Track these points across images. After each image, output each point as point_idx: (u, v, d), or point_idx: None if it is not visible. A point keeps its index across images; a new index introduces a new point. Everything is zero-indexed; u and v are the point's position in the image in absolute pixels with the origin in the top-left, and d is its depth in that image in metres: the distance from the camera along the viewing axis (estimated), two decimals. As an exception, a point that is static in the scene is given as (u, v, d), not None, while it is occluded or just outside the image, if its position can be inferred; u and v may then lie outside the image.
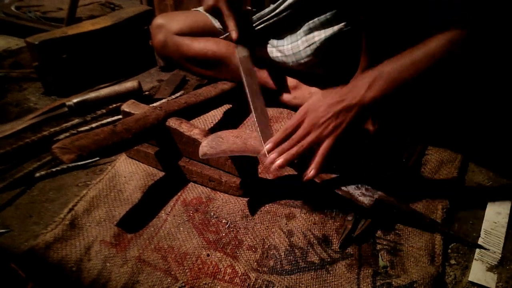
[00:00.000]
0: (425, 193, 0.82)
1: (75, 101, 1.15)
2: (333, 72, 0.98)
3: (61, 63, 1.25)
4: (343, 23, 0.89)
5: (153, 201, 0.82)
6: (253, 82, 0.78)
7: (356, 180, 0.75)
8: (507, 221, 0.78)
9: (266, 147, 0.66)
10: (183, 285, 0.66)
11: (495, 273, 0.69)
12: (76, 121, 1.11)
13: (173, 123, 0.83)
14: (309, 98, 0.99)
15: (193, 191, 0.84)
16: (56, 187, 0.90)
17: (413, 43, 0.65)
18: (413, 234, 0.74)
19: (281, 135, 0.67)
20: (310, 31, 0.92)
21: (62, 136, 1.04)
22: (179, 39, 1.05)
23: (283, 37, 0.97)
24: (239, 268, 0.68)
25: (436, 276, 0.65)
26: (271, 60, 1.03)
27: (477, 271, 0.69)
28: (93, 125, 1.08)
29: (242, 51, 0.83)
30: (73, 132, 1.05)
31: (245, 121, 1.07)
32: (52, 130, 1.05)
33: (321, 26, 0.91)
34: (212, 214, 0.78)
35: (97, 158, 0.91)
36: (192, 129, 0.82)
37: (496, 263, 0.70)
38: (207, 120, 1.04)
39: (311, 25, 0.92)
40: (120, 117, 1.07)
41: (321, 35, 0.90)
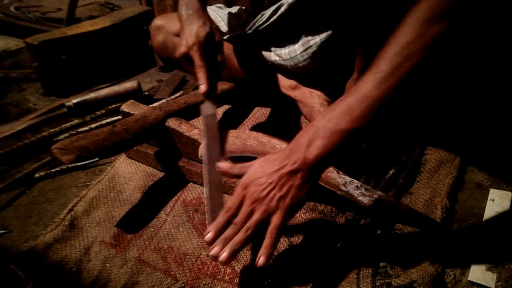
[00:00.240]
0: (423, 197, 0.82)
1: (74, 101, 1.15)
2: (332, 74, 0.98)
3: (60, 64, 1.25)
4: (339, 26, 0.89)
5: (153, 201, 0.82)
6: (213, 147, 0.72)
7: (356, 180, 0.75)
8: (507, 221, 0.78)
9: (206, 238, 0.55)
10: (183, 285, 0.66)
11: (495, 272, 0.69)
12: (75, 121, 1.11)
13: (172, 123, 0.83)
14: (309, 97, 0.99)
15: (192, 192, 0.84)
16: (55, 187, 0.90)
17: None
18: (413, 234, 0.74)
19: (221, 219, 0.56)
20: (306, 35, 0.92)
21: (61, 136, 1.04)
22: (179, 40, 1.04)
23: (280, 43, 0.98)
24: (239, 268, 0.68)
25: (435, 275, 0.65)
26: (269, 63, 1.03)
27: (477, 271, 0.69)
28: (93, 126, 1.08)
29: (208, 108, 0.76)
30: (73, 132, 1.05)
31: (245, 122, 1.07)
32: (51, 130, 1.05)
33: (317, 30, 0.91)
34: (211, 214, 0.78)
35: (97, 158, 0.92)
36: (191, 129, 0.82)
37: (495, 263, 0.70)
38: (207, 120, 1.04)
39: (307, 29, 0.92)
40: (119, 117, 1.07)
41: (316, 39, 0.91)
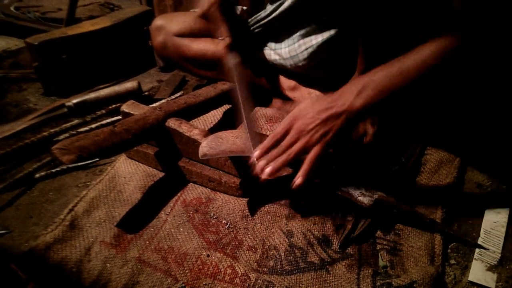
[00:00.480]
0: (423, 197, 0.82)
1: (74, 101, 1.15)
2: (332, 74, 0.98)
3: (60, 64, 1.25)
4: (339, 26, 0.89)
5: (153, 201, 0.82)
6: (244, 88, 0.79)
7: (356, 180, 0.75)
8: (507, 221, 0.78)
9: (254, 154, 0.65)
10: (183, 285, 0.66)
11: (495, 272, 0.69)
12: (75, 121, 1.11)
13: (172, 123, 0.83)
14: (308, 98, 0.99)
15: (193, 192, 0.84)
16: (56, 187, 0.90)
17: (412, 44, 0.64)
18: (413, 234, 0.74)
19: (269, 141, 0.65)
20: (307, 35, 0.92)
21: (61, 136, 1.04)
22: (179, 40, 1.05)
23: (281, 40, 0.97)
24: (239, 268, 0.68)
25: (436, 276, 0.65)
26: (270, 62, 1.03)
27: (477, 271, 0.69)
28: (93, 126, 1.08)
29: (233, 57, 0.84)
30: (73, 132, 1.05)
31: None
32: (51, 130, 1.05)
33: (318, 29, 0.91)
34: (212, 214, 0.78)
35: (97, 159, 0.91)
36: (191, 129, 0.82)
37: (495, 263, 0.70)
38: (207, 120, 1.04)
39: (308, 28, 0.92)
40: (119, 117, 1.07)
41: (318, 39, 0.90)
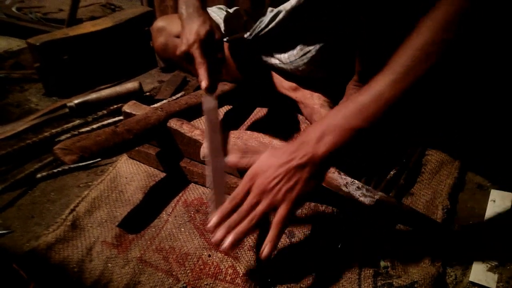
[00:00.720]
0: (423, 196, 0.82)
1: (76, 102, 1.15)
2: (332, 75, 0.98)
3: (62, 64, 1.26)
4: (339, 28, 0.89)
5: (154, 202, 0.82)
6: (215, 138, 0.74)
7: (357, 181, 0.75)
8: (508, 222, 0.78)
9: (210, 223, 0.56)
10: (185, 285, 0.66)
11: (496, 273, 0.69)
12: (77, 122, 1.11)
13: (174, 124, 0.84)
14: (310, 98, 0.99)
15: (194, 192, 0.84)
16: (57, 188, 0.90)
17: None
18: (414, 234, 0.74)
19: (227, 206, 0.57)
20: (305, 41, 0.92)
21: (63, 137, 1.04)
22: (179, 41, 1.05)
23: (281, 48, 0.98)
24: (240, 268, 0.68)
25: (436, 276, 0.65)
26: (269, 65, 1.03)
27: (478, 271, 0.69)
28: (94, 126, 1.09)
29: (209, 102, 0.79)
30: (74, 133, 1.06)
31: (246, 122, 1.07)
32: (53, 131, 1.06)
33: (316, 35, 0.91)
34: (213, 214, 0.78)
35: (99, 159, 0.92)
36: (193, 130, 0.82)
37: (496, 263, 0.70)
38: (208, 121, 1.04)
39: (305, 34, 0.92)
40: (121, 118, 1.08)
41: (316, 43, 0.91)
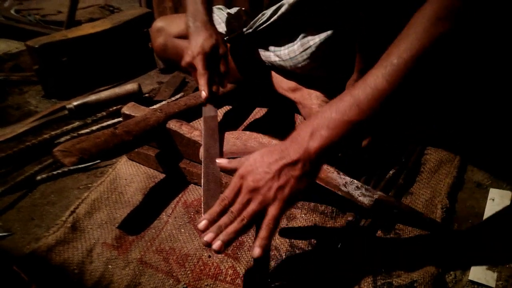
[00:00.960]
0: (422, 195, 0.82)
1: (75, 104, 1.15)
2: (332, 73, 0.98)
3: (61, 66, 1.26)
4: (338, 24, 0.89)
5: (154, 203, 0.83)
6: (212, 145, 0.74)
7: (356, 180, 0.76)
8: (507, 220, 0.79)
9: (199, 225, 0.54)
10: (185, 286, 0.66)
11: (495, 271, 0.69)
12: (76, 123, 1.11)
13: (173, 125, 0.84)
14: (308, 98, 0.99)
15: (194, 193, 0.85)
16: (57, 190, 0.90)
17: None
18: (413, 233, 0.74)
19: (217, 208, 0.55)
20: (305, 36, 0.92)
21: (62, 139, 1.04)
22: (179, 42, 1.05)
23: (280, 43, 0.98)
24: (241, 269, 0.68)
25: (436, 275, 0.66)
26: (269, 64, 1.03)
27: (477, 270, 0.69)
28: (94, 128, 1.09)
29: (209, 111, 0.81)
30: (74, 135, 1.06)
31: (245, 122, 1.07)
32: (52, 133, 1.06)
33: (316, 30, 0.91)
34: (213, 215, 0.79)
35: (98, 160, 0.92)
36: (192, 131, 0.83)
37: (496, 262, 0.70)
38: (207, 121, 1.04)
39: (306, 29, 0.92)
40: (120, 119, 1.08)
41: (315, 39, 0.91)
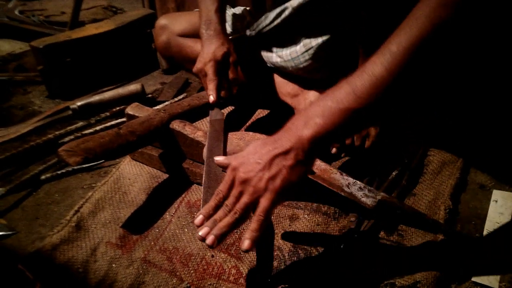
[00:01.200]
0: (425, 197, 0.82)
1: (79, 104, 1.16)
2: (334, 75, 0.98)
3: (65, 67, 1.27)
4: (340, 24, 0.89)
5: (158, 203, 0.83)
6: (215, 145, 0.74)
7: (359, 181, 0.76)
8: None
9: (196, 220, 0.54)
10: (188, 285, 0.66)
11: (498, 273, 0.69)
12: (80, 124, 1.12)
13: (177, 125, 0.84)
14: (303, 104, 0.99)
15: (197, 193, 0.85)
16: (61, 189, 0.90)
17: None
18: (416, 234, 0.75)
19: (212, 202, 0.55)
20: (308, 37, 0.93)
21: (66, 139, 1.05)
22: (182, 40, 1.05)
23: (283, 45, 0.98)
24: (244, 269, 0.68)
25: (439, 276, 0.66)
26: (271, 65, 1.03)
27: (480, 271, 0.69)
28: (97, 128, 1.09)
29: (215, 114, 0.83)
30: (78, 135, 1.06)
31: (248, 123, 1.08)
32: (56, 133, 1.06)
33: (319, 31, 0.91)
34: (216, 215, 0.79)
35: (102, 160, 0.92)
36: (195, 131, 0.83)
37: (499, 263, 0.71)
38: (210, 122, 1.05)
39: (309, 31, 0.93)
40: (123, 119, 1.08)
41: (318, 40, 0.91)
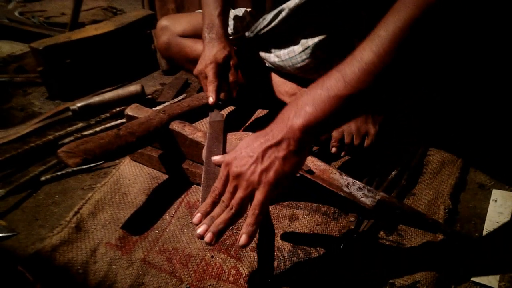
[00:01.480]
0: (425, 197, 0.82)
1: (79, 105, 1.16)
2: None
3: (65, 68, 1.27)
4: (338, 23, 0.89)
5: (157, 203, 0.83)
6: (215, 146, 0.74)
7: (358, 181, 0.76)
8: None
9: (194, 219, 0.55)
10: (188, 286, 0.66)
11: (498, 272, 0.69)
12: (80, 125, 1.12)
13: (176, 126, 0.84)
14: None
15: (196, 194, 0.85)
16: (61, 190, 0.91)
17: None
18: (416, 234, 0.75)
19: (208, 200, 0.56)
20: (305, 36, 0.93)
21: (66, 140, 1.05)
22: (183, 41, 1.06)
23: (281, 45, 0.98)
24: (243, 269, 0.68)
25: (438, 276, 0.66)
26: (269, 65, 1.04)
27: (480, 271, 0.69)
28: (97, 129, 1.09)
29: (215, 116, 0.83)
30: (78, 136, 1.06)
31: (248, 123, 1.08)
32: (56, 134, 1.07)
33: (316, 31, 0.91)
34: (215, 216, 0.79)
35: (102, 161, 0.92)
36: (195, 132, 0.83)
37: (498, 263, 0.70)
38: (210, 123, 1.05)
39: (306, 30, 0.93)
40: (123, 120, 1.09)
41: (315, 40, 0.91)
